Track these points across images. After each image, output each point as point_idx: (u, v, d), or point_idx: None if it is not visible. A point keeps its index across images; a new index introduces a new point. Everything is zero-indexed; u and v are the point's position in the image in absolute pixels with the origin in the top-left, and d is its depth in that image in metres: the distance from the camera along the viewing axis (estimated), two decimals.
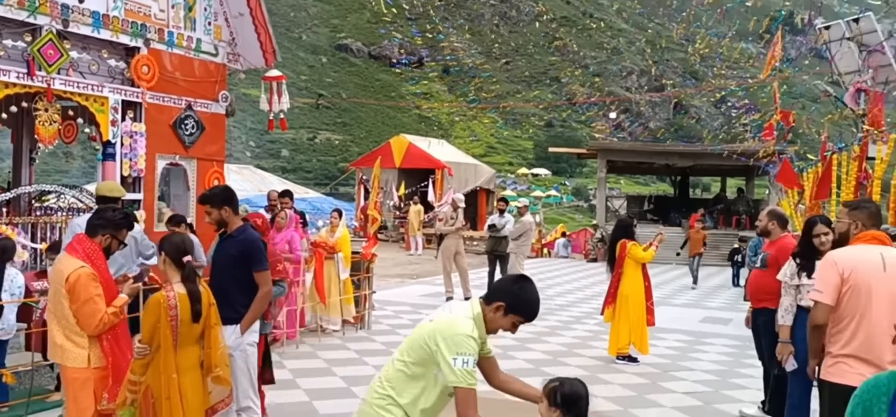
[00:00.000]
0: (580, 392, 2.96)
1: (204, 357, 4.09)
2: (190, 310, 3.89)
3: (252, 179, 31.36)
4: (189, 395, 3.98)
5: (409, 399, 3.07)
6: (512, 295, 3.17)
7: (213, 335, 4.11)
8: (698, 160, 26.19)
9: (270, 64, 9.26)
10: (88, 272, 4.04)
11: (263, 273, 4.89)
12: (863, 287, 3.83)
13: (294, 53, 71.07)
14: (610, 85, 71.62)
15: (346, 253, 9.48)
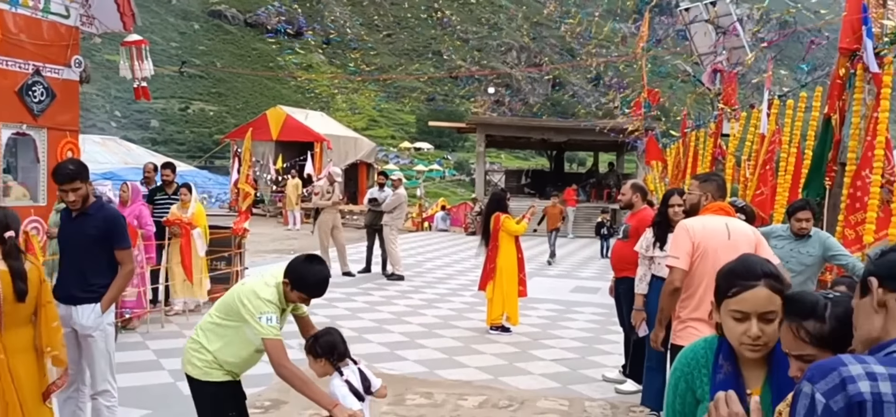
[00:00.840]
0: (334, 339, 3.53)
1: (36, 337, 3.81)
2: (12, 289, 3.60)
3: (117, 151, 29.66)
4: (23, 378, 3.70)
5: (216, 346, 3.59)
6: (296, 273, 3.49)
7: (46, 313, 3.83)
8: (573, 135, 27.08)
9: (129, 28, 8.68)
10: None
11: (126, 251, 4.66)
12: (710, 254, 4.05)
13: (163, 18, 67.59)
14: (490, 60, 72.78)
15: (203, 228, 9.06)
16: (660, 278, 5.62)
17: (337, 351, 3.53)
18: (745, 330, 1.94)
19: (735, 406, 1.53)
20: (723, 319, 2.01)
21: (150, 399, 5.90)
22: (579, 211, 24.61)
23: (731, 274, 2.01)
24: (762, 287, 1.93)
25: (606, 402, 6.17)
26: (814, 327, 1.69)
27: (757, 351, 1.95)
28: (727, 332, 2.00)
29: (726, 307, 1.98)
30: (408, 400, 6.02)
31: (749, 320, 1.93)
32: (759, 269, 1.96)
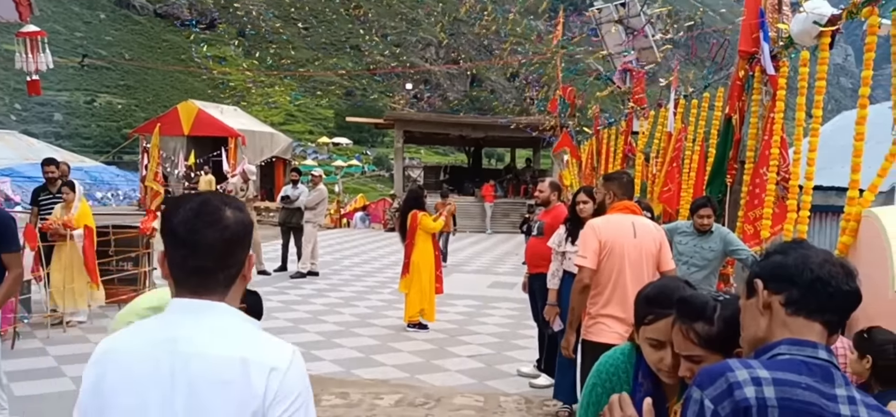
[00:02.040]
0: None
1: None
2: None
3: (18, 146, 28.10)
4: None
5: None
6: None
7: None
8: (490, 131, 27.37)
9: (26, 18, 8.20)
10: None
11: (15, 254, 4.47)
12: (617, 252, 4.17)
13: (67, 7, 64.49)
14: (409, 55, 72.73)
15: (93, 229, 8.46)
16: (571, 274, 5.75)
17: None
18: (662, 358, 1.91)
19: (628, 409, 1.56)
20: (641, 343, 2.00)
21: (51, 408, 5.62)
22: (497, 206, 24.92)
23: (647, 301, 1.99)
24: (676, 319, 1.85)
25: (521, 397, 6.27)
26: (702, 328, 1.73)
27: (672, 378, 1.91)
28: (645, 356, 1.99)
29: (643, 333, 1.98)
30: (323, 401, 5.95)
31: (665, 348, 1.90)
32: (674, 297, 1.88)
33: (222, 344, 1.54)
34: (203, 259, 1.57)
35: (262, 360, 1.54)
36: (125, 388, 1.55)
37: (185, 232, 1.56)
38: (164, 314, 1.61)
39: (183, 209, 1.59)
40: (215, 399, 1.50)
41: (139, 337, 1.60)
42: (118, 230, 9.53)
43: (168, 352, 1.54)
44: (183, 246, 1.57)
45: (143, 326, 1.65)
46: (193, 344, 1.53)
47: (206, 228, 1.56)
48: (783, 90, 5.77)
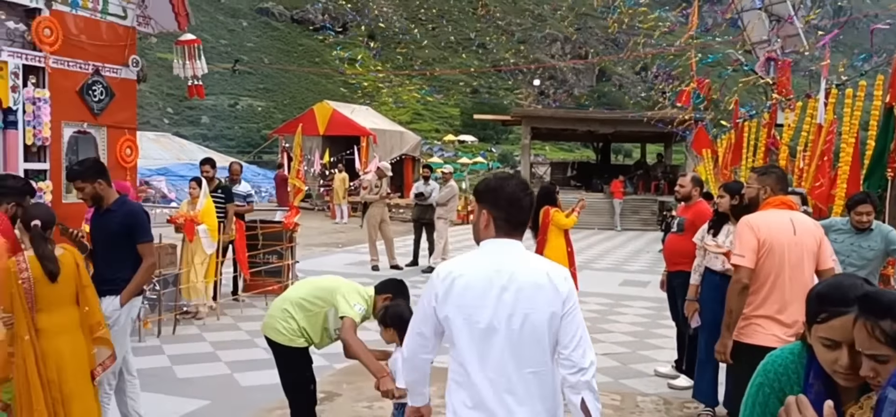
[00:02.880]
0: (401, 311, 3.97)
1: (82, 317, 4.00)
2: (42, 270, 3.81)
3: (170, 147, 30.36)
4: (68, 357, 3.91)
5: (301, 318, 4.36)
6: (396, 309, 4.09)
7: (85, 296, 4.04)
8: (619, 127, 26.77)
9: (184, 27, 8.89)
10: (2, 242, 3.96)
11: (149, 244, 4.82)
12: (776, 251, 3.97)
13: (213, 17, 68.81)
14: (535, 52, 72.32)
15: (210, 226, 8.55)
16: (712, 271, 5.56)
17: (404, 322, 3.77)
18: (836, 359, 1.80)
19: (808, 411, 1.48)
20: (813, 343, 1.88)
21: (209, 389, 6.04)
22: (626, 203, 24.35)
23: (820, 299, 1.86)
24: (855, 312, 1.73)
25: (659, 397, 6.12)
26: (890, 327, 1.63)
27: (849, 380, 1.80)
28: (818, 356, 1.87)
29: (816, 332, 1.86)
30: None
31: (840, 348, 1.79)
32: (851, 294, 1.77)
33: (530, 264, 2.53)
34: (520, 215, 2.55)
35: (559, 273, 2.52)
36: (469, 289, 2.49)
37: (514, 198, 2.53)
38: (485, 247, 2.57)
39: (509, 185, 2.57)
40: (534, 295, 2.46)
41: (473, 262, 2.56)
42: (265, 225, 10.10)
43: (496, 271, 2.49)
44: (510, 206, 2.53)
45: (474, 256, 2.58)
46: (513, 265, 2.50)
47: (524, 196, 2.56)
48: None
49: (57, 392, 3.81)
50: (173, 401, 5.70)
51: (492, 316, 2.48)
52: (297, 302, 4.39)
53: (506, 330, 2.47)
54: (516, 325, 2.46)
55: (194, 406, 5.62)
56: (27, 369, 3.76)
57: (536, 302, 2.44)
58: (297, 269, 10.41)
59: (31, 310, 3.79)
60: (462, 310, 2.51)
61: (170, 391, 5.96)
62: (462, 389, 2.59)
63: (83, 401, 3.97)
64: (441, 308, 2.54)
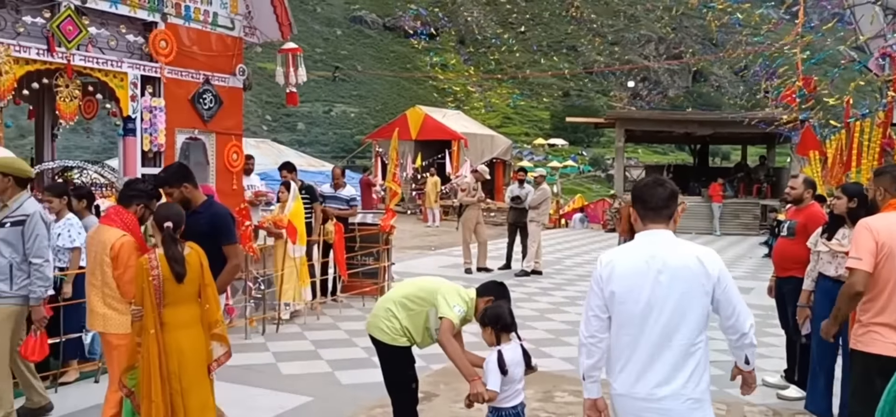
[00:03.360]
0: (500, 311, 4.03)
1: (203, 314, 4.22)
2: (170, 270, 4.04)
3: (269, 153, 31.40)
4: (188, 351, 4.12)
5: (403, 317, 4.45)
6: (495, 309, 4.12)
7: (207, 294, 4.25)
8: (718, 128, 25.89)
9: (286, 36, 9.22)
10: (131, 241, 4.30)
11: (234, 246, 4.95)
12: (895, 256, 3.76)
13: (309, 26, 70.84)
14: (628, 53, 70.94)
15: (300, 230, 8.60)
16: (825, 276, 5.31)
17: (501, 322, 3.99)
18: None
19: None
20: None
21: (313, 386, 6.23)
22: (726, 206, 23.53)
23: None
24: None
25: (767, 408, 5.89)
26: None
27: None
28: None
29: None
30: (557, 397, 6.02)
31: None
32: None
33: (679, 250, 2.94)
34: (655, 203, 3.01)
35: (709, 257, 2.94)
36: (627, 273, 2.94)
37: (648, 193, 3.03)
38: (639, 238, 3.02)
39: (645, 183, 3.12)
40: (687, 277, 2.88)
41: (629, 250, 3.03)
42: (362, 227, 10.33)
43: (651, 256, 2.92)
44: (647, 199, 3.02)
45: (630, 246, 3.05)
46: (665, 251, 2.92)
47: (657, 188, 3.04)
48: None
49: (177, 383, 4.03)
50: (279, 397, 5.91)
51: (650, 296, 2.89)
52: (399, 301, 4.49)
53: (661, 308, 2.87)
54: (671, 305, 2.88)
55: (299, 402, 5.81)
56: (151, 361, 4.00)
57: (689, 284, 2.88)
58: (393, 271, 10.59)
59: (158, 306, 4.03)
60: (623, 291, 2.93)
61: (275, 386, 6.19)
62: (620, 361, 2.98)
63: (200, 394, 4.18)
64: (606, 287, 2.97)
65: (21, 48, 6.64)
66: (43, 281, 4.73)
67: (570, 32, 75.09)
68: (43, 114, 9.42)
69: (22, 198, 4.79)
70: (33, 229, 4.69)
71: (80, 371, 6.22)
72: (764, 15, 17.49)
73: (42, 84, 7.19)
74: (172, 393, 4.05)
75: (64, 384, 6.00)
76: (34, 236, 4.69)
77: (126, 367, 4.17)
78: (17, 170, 4.81)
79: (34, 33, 6.87)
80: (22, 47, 6.65)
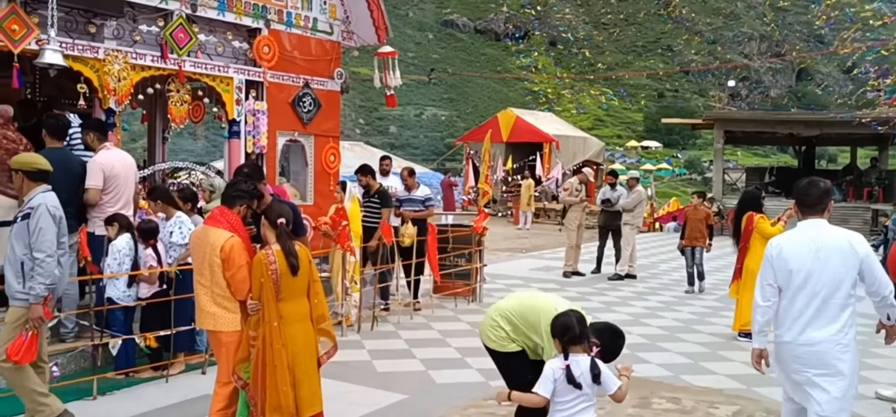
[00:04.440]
0: (567, 322, 3.79)
1: (311, 309, 4.39)
2: (286, 263, 4.20)
3: (362, 155, 32.05)
4: (300, 344, 4.28)
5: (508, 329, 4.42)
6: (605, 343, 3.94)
7: (315, 289, 4.43)
8: (825, 129, 24.64)
9: (383, 40, 9.41)
10: (240, 241, 4.42)
11: (304, 238, 5.19)
12: None
13: (401, 31, 71.91)
14: (727, 52, 68.53)
15: (355, 232, 8.10)
16: None
17: (569, 334, 3.74)
18: None
19: None
20: None
21: (407, 384, 6.32)
22: (834, 210, 22.32)
23: None
24: None
25: None
26: None
27: None
28: None
29: None
30: (654, 404, 5.88)
31: None
32: None
33: (833, 235, 3.88)
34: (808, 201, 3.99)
35: (857, 239, 3.85)
36: (794, 254, 3.89)
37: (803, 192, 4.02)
38: (800, 226, 4.01)
39: (801, 183, 4.05)
40: (840, 257, 3.80)
41: (793, 235, 4.00)
42: (455, 229, 10.39)
43: (811, 238, 3.89)
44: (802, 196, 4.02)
45: (795, 232, 4.02)
46: (821, 236, 3.88)
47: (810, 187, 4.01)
48: None
49: (290, 375, 4.19)
50: (376, 394, 6.02)
51: (810, 268, 3.82)
52: (505, 314, 4.46)
53: (818, 277, 3.80)
54: (827, 275, 3.80)
55: (395, 399, 5.90)
56: (274, 352, 4.18)
57: (841, 261, 3.80)
58: (485, 273, 10.61)
59: (277, 299, 4.21)
60: (790, 265, 3.88)
61: (372, 383, 6.31)
62: (788, 319, 3.92)
63: (310, 385, 4.35)
64: (776, 264, 3.94)
65: (137, 55, 7.06)
66: (44, 277, 4.53)
67: (666, 32, 73.19)
68: (155, 118, 9.97)
69: (34, 192, 4.72)
70: (37, 221, 4.57)
71: (186, 362, 6.52)
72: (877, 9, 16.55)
73: (155, 89, 7.61)
74: (290, 383, 4.22)
75: (171, 375, 6.30)
76: (38, 229, 4.55)
77: (240, 360, 4.35)
78: (27, 165, 4.79)
79: (149, 41, 7.28)
80: (138, 54, 7.06)
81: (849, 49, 19.50)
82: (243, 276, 4.33)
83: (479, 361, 7.05)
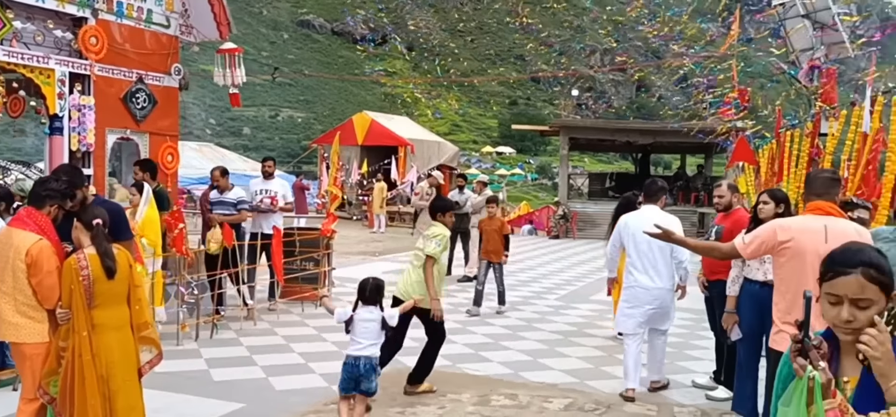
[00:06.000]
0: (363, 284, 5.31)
1: (132, 316, 4.10)
2: (101, 267, 3.94)
3: (213, 157, 30.77)
4: (117, 353, 4.02)
5: None
6: None
7: (136, 295, 4.17)
8: (658, 137, 26.44)
9: (225, 37, 9.07)
10: (48, 245, 4.09)
11: (129, 242, 4.99)
12: (802, 256, 3.88)
13: (255, 29, 69.96)
14: (574, 63, 72.00)
15: (150, 240, 6.96)
16: (750, 280, 5.45)
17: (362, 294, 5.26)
18: (837, 314, 2.05)
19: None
20: (822, 301, 2.12)
21: (245, 393, 6.10)
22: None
23: (831, 260, 2.13)
24: (857, 275, 2.03)
25: (697, 408, 6.01)
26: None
27: (849, 335, 2.04)
28: (823, 313, 2.12)
29: (824, 290, 2.11)
30: (493, 401, 6.02)
31: (841, 304, 2.04)
32: (857, 258, 2.07)
33: (662, 216, 5.78)
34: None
35: (674, 221, 5.42)
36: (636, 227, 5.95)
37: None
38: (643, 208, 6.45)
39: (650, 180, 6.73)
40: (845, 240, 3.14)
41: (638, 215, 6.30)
42: (302, 232, 10.19)
43: (648, 218, 5.49)
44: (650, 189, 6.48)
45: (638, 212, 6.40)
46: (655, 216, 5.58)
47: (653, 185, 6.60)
48: None
49: (105, 387, 3.91)
50: (209, 404, 5.77)
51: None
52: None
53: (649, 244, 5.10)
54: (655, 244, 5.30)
55: (230, 409, 5.67)
56: (83, 363, 3.88)
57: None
58: (334, 276, 10.48)
59: (88, 307, 3.91)
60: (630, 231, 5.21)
61: (206, 393, 6.04)
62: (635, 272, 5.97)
63: (128, 397, 4.07)
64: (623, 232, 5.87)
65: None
66: None
67: (517, 41, 75.88)
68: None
69: None
70: None
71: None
72: (702, 28, 17.99)
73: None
74: (101, 397, 3.92)
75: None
76: None
77: (47, 373, 4.01)
78: None
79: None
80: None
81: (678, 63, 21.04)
82: (51, 283, 3.99)
83: (322, 366, 6.95)
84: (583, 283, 13.18)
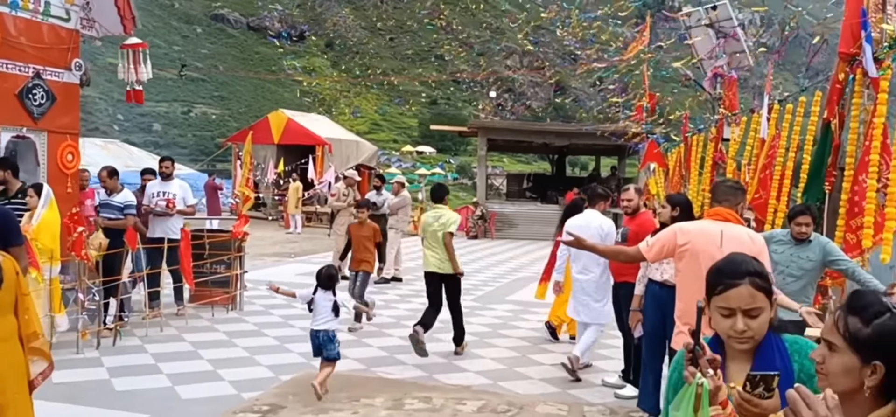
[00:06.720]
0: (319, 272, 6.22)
1: (20, 327, 3.85)
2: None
3: (119, 154, 29.58)
4: (5, 366, 3.75)
5: None
6: None
7: (24, 304, 3.89)
8: (574, 139, 27.03)
9: (129, 31, 8.70)
10: None
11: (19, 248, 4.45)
12: (699, 258, 4.02)
13: (166, 22, 67.69)
14: (493, 64, 72.79)
15: (43, 245, 6.56)
16: (653, 281, 5.63)
17: (318, 280, 6.17)
18: (732, 325, 2.07)
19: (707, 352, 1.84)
20: (712, 314, 2.13)
21: (148, 403, 5.88)
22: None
23: (718, 273, 2.14)
24: (746, 285, 2.06)
25: (605, 407, 6.15)
26: (853, 324, 1.65)
27: (744, 344, 2.08)
28: (715, 326, 2.13)
29: (714, 304, 2.12)
30: (406, 405, 6.00)
31: (735, 315, 2.07)
32: (743, 268, 2.10)
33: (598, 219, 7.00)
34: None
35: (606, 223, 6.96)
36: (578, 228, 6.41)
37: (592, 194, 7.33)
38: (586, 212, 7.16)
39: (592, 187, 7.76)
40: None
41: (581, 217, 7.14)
42: (212, 234, 9.90)
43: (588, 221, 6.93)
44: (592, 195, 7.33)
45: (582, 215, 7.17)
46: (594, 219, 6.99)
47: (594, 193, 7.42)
48: (885, 93, 5.47)
49: None
50: (110, 415, 5.53)
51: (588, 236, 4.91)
52: None
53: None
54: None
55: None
56: None
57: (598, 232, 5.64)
58: (246, 280, 10.23)
59: None
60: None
61: (108, 404, 5.79)
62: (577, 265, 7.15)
63: (18, 412, 3.82)
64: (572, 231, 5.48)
65: None
66: None
67: (437, 41, 76.14)
68: None
69: None
70: None
71: None
72: (615, 32, 18.45)
73: None
74: None
75: None
76: None
77: None
78: None
79: None
80: None
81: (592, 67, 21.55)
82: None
83: (232, 373, 6.77)
84: (500, 284, 13.33)
